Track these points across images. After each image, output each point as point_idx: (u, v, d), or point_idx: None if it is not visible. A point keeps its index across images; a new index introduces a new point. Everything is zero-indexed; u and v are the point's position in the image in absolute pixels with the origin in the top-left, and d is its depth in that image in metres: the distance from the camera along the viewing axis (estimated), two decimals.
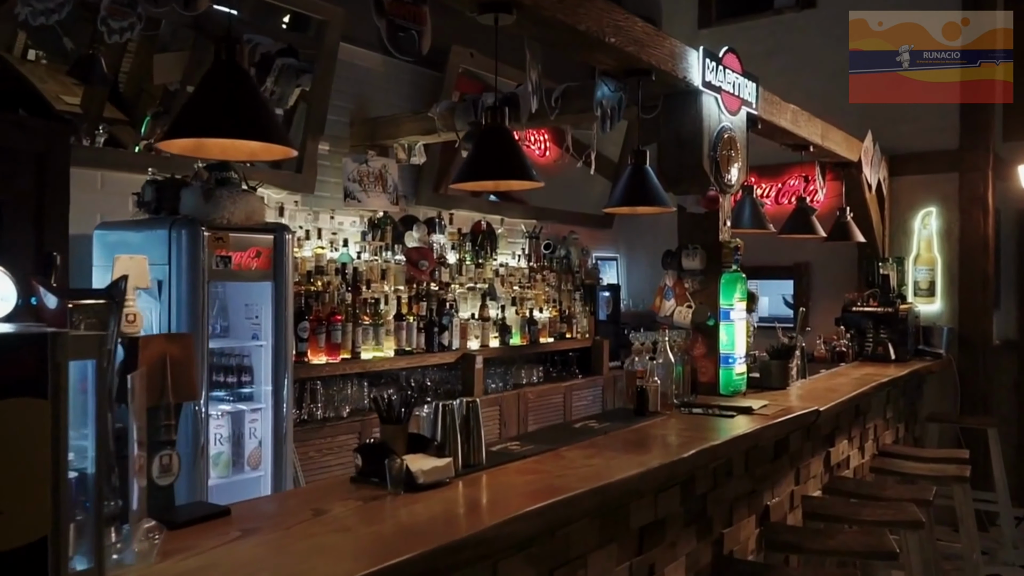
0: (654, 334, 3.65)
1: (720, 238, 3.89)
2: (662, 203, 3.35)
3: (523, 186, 2.84)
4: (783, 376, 4.27)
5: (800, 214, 5.24)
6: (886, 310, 5.96)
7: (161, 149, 2.63)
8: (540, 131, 7.48)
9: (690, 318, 3.85)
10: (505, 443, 2.81)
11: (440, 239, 5.81)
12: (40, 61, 4.51)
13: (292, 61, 5.07)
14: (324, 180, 5.17)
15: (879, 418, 5.27)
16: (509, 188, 2.91)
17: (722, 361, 3.84)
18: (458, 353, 5.31)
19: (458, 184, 2.71)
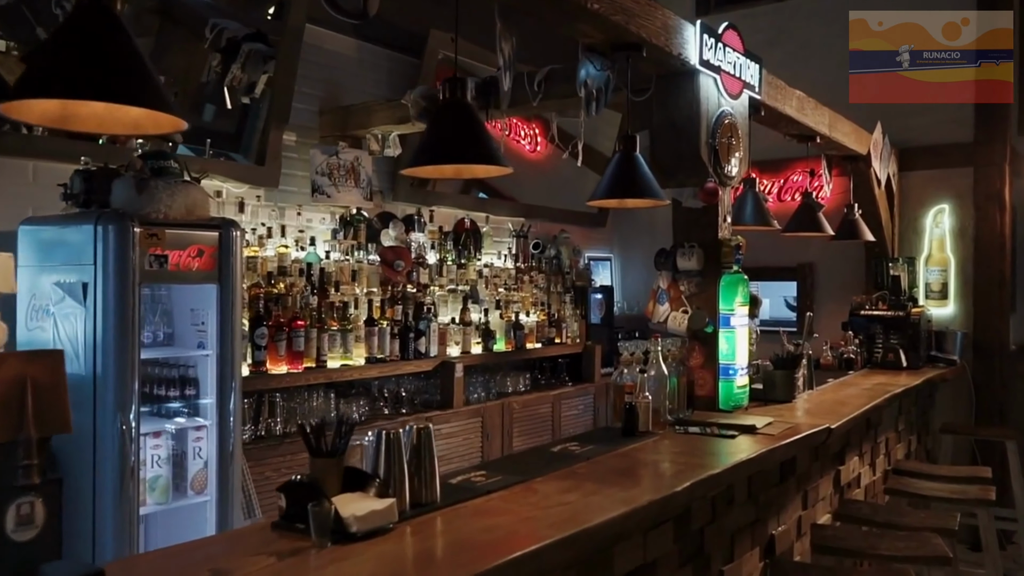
0: (645, 343, 3.25)
1: (719, 235, 3.49)
2: (654, 195, 2.96)
3: (488, 172, 2.45)
4: (789, 388, 3.88)
5: (806, 210, 4.84)
6: (896, 314, 5.57)
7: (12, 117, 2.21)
8: (531, 124, 7.10)
9: (686, 324, 3.46)
10: (470, 473, 2.41)
11: (419, 238, 5.42)
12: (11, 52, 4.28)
13: (260, 46, 4.67)
14: (291, 173, 4.77)
15: (891, 431, 4.87)
16: (472, 174, 2.51)
17: (721, 373, 3.45)
18: (436, 360, 4.92)
19: (412, 170, 2.31)
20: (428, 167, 2.39)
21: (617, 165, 3.00)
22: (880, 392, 4.39)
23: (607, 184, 2.98)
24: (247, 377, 3.88)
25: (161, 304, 3.52)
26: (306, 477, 1.93)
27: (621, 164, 2.99)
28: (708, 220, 3.51)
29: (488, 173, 2.47)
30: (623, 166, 2.99)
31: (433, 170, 2.44)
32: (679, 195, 3.51)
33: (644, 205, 3.21)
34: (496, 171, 2.35)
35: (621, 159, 3.00)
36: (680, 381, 3.36)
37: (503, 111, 4.08)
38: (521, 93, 4.01)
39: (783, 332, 4.30)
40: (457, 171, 2.50)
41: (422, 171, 2.41)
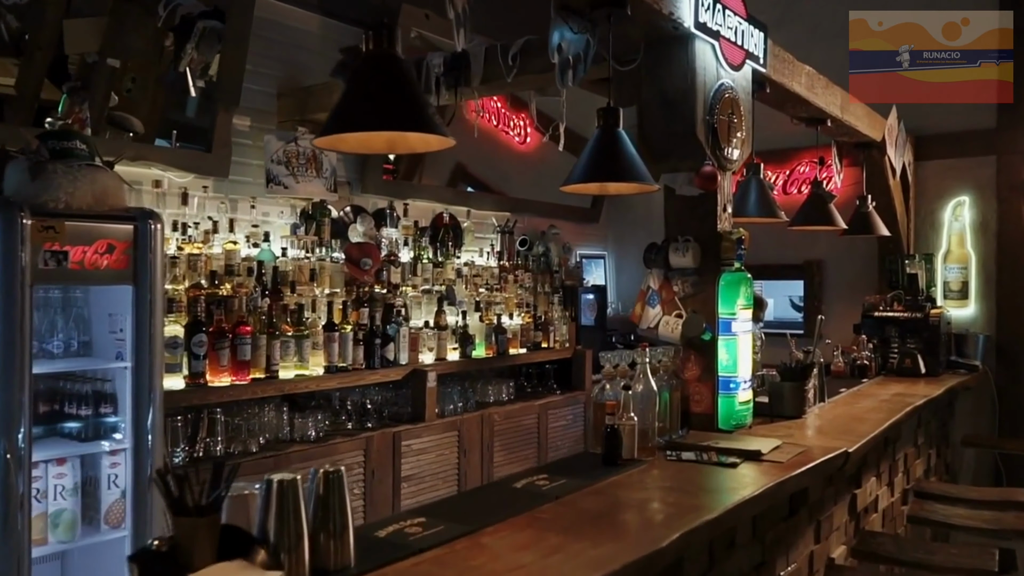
0: (631, 353, 2.78)
1: (719, 227, 3.02)
2: (639, 178, 2.49)
3: (426, 143, 1.97)
4: (798, 402, 3.41)
5: (815, 202, 4.36)
6: (913, 315, 5.10)
7: None
8: (519, 114, 6.64)
9: (679, 331, 2.99)
10: (406, 521, 1.93)
11: (392, 233, 4.95)
12: None
13: (216, 24, 4.21)
14: (244, 162, 4.30)
15: (910, 446, 4.40)
16: (408, 146, 2.01)
17: (721, 387, 2.98)
18: (406, 369, 4.44)
19: (324, 140, 1.84)
20: (349, 138, 1.91)
21: (596, 143, 2.53)
22: (899, 405, 3.92)
23: (584, 165, 2.51)
24: (182, 391, 3.42)
25: (75, 308, 3.05)
26: (166, 542, 1.46)
27: (601, 142, 2.53)
28: (705, 210, 3.04)
29: (427, 145, 1.99)
30: (603, 144, 2.52)
31: (357, 142, 1.96)
32: (672, 181, 3.05)
33: (629, 191, 2.73)
34: (436, 142, 1.88)
35: (601, 136, 2.53)
36: (673, 396, 2.89)
37: (474, 88, 3.62)
38: (495, 69, 3.55)
39: (790, 337, 3.82)
40: (390, 143, 2.02)
41: (341, 142, 1.94)
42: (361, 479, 4.05)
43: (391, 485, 4.21)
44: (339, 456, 3.95)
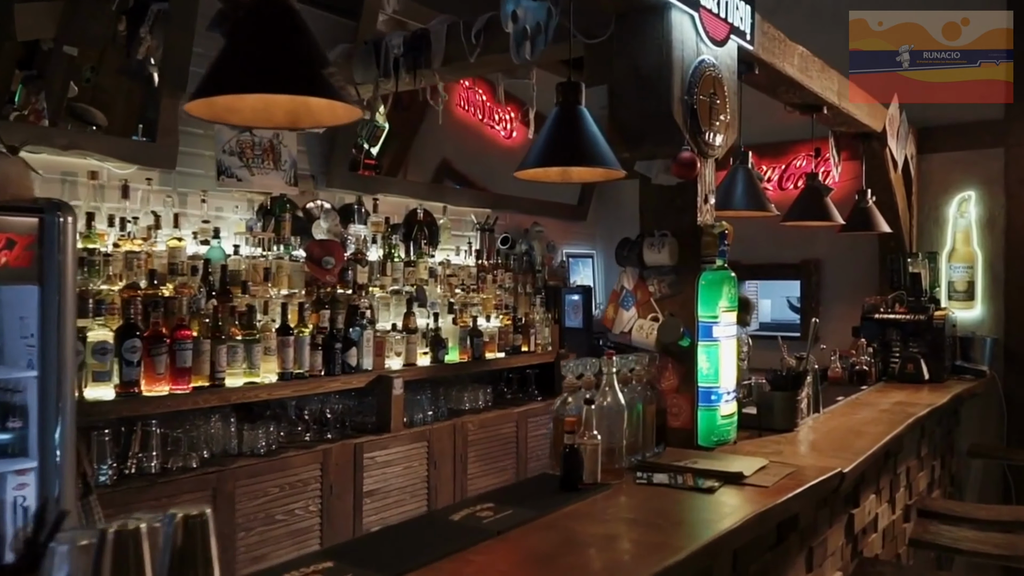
0: (597, 361, 2.46)
1: (699, 220, 2.71)
2: (603, 162, 2.17)
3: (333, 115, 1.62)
4: (790, 414, 3.09)
5: (811, 195, 4.04)
6: (916, 317, 4.78)
7: None
8: (507, 109, 6.32)
9: (654, 336, 2.67)
10: (309, 567, 1.61)
11: (360, 230, 4.66)
12: None
13: (167, 5, 3.92)
14: (195, 153, 3.99)
15: (912, 458, 4.08)
16: (314, 120, 1.65)
17: (701, 399, 2.66)
18: (371, 375, 4.13)
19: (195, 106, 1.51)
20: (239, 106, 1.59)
21: (555, 123, 2.22)
22: (901, 415, 3.60)
23: (541, 147, 2.20)
24: (112, 402, 3.13)
25: None
26: None
27: (560, 121, 2.21)
28: (684, 201, 2.72)
29: (334, 116, 1.65)
30: (563, 123, 2.21)
31: (252, 112, 1.61)
32: (647, 169, 2.73)
33: (593, 177, 2.42)
34: (344, 112, 1.56)
35: (560, 115, 2.22)
36: (647, 410, 2.57)
37: (435, 71, 3.30)
38: (457, 48, 3.25)
39: (782, 341, 3.50)
40: (291, 114, 1.68)
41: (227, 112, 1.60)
42: (318, 495, 3.75)
43: (352, 502, 3.90)
44: (293, 471, 3.64)
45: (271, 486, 3.55)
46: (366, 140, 5.95)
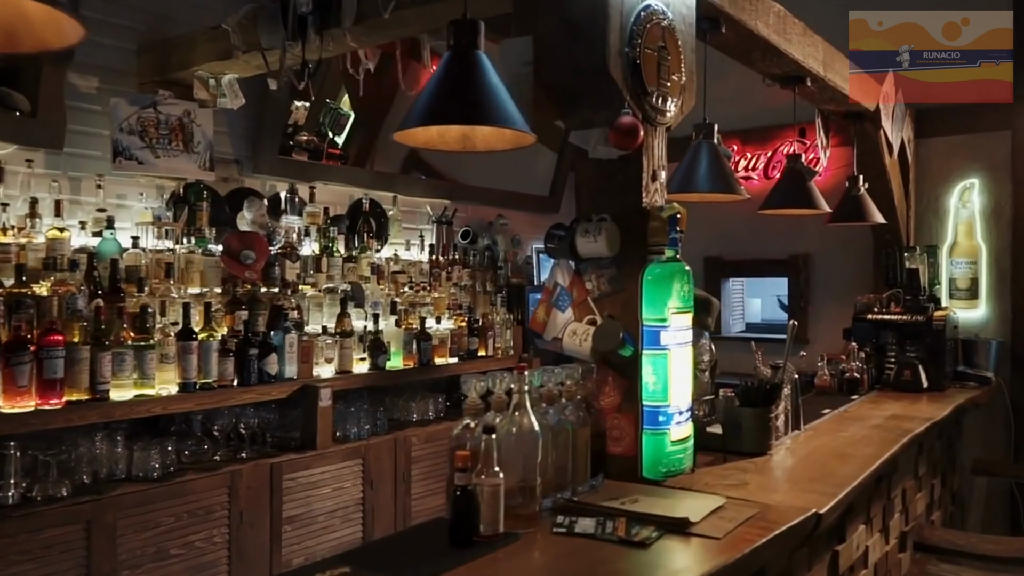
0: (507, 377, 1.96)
1: (644, 202, 2.22)
2: (506, 120, 1.68)
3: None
4: (762, 435, 2.61)
5: (792, 179, 3.54)
6: (914, 318, 4.29)
7: None
8: None
9: (589, 343, 2.18)
10: None
11: (294, 221, 4.16)
12: None
13: None
14: (89, 132, 3.51)
15: (909, 478, 3.59)
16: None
17: (646, 420, 2.17)
18: (295, 384, 3.65)
19: None
20: None
21: (444, 71, 1.72)
22: (895, 432, 3.12)
23: (426, 101, 1.70)
24: None
25: None
26: None
27: (451, 69, 1.72)
28: (626, 179, 2.23)
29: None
30: (453, 72, 1.71)
31: None
32: (583, 140, 2.24)
33: (501, 144, 1.92)
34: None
35: (452, 62, 1.73)
36: (579, 435, 2.09)
37: (346, 29, 2.81)
38: (372, 4, 2.75)
39: (756, 347, 3.01)
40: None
41: None
42: (225, 524, 3.25)
43: (268, 530, 3.41)
44: (193, 496, 3.15)
45: (165, 515, 3.06)
46: (330, 128, 5.47)
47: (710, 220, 5.62)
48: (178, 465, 3.22)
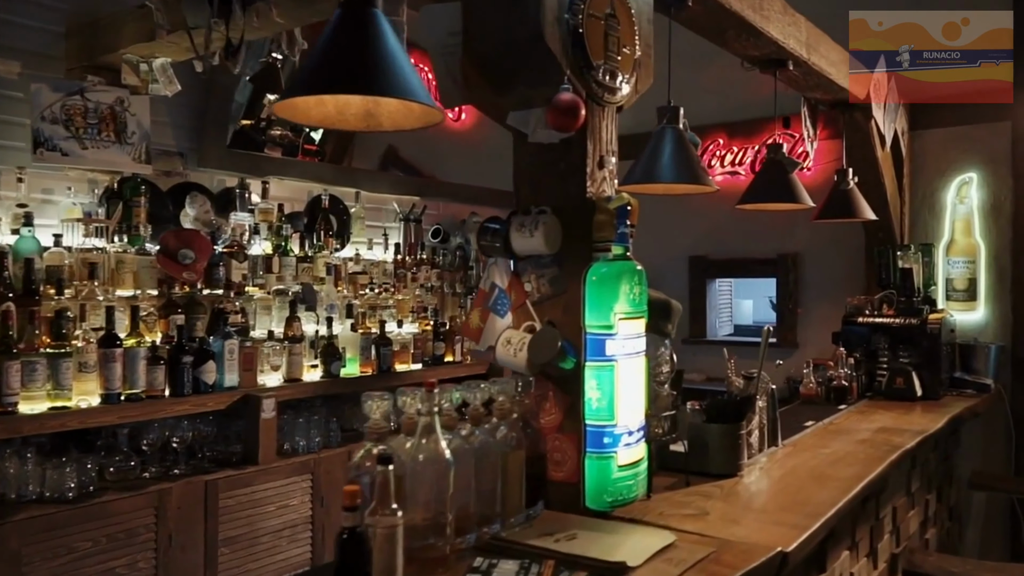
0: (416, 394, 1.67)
1: (589, 191, 1.94)
2: (405, 91, 1.40)
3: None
4: (731, 454, 2.33)
5: (771, 170, 3.25)
6: (907, 321, 4.01)
7: None
8: None
9: (524, 353, 1.90)
10: None
11: (244, 218, 3.89)
12: None
13: None
14: (8, 120, 3.25)
15: (900, 495, 3.31)
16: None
17: (590, 442, 1.89)
18: (236, 394, 3.37)
19: None
20: None
21: (334, 32, 1.44)
22: (883, 448, 2.84)
23: (312, 67, 1.43)
24: None
25: None
26: None
27: (341, 31, 1.44)
28: (568, 166, 1.96)
29: None
30: (345, 34, 1.43)
31: None
32: (522, 122, 1.97)
33: (409, 122, 1.63)
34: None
35: (342, 22, 1.45)
36: (512, 459, 1.81)
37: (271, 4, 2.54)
38: None
39: (728, 355, 2.73)
40: None
41: None
42: (152, 547, 2.98)
43: (202, 553, 3.14)
44: (115, 519, 2.89)
45: (81, 540, 2.79)
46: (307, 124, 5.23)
47: (695, 218, 5.35)
48: (100, 484, 2.95)
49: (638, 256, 1.92)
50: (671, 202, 5.57)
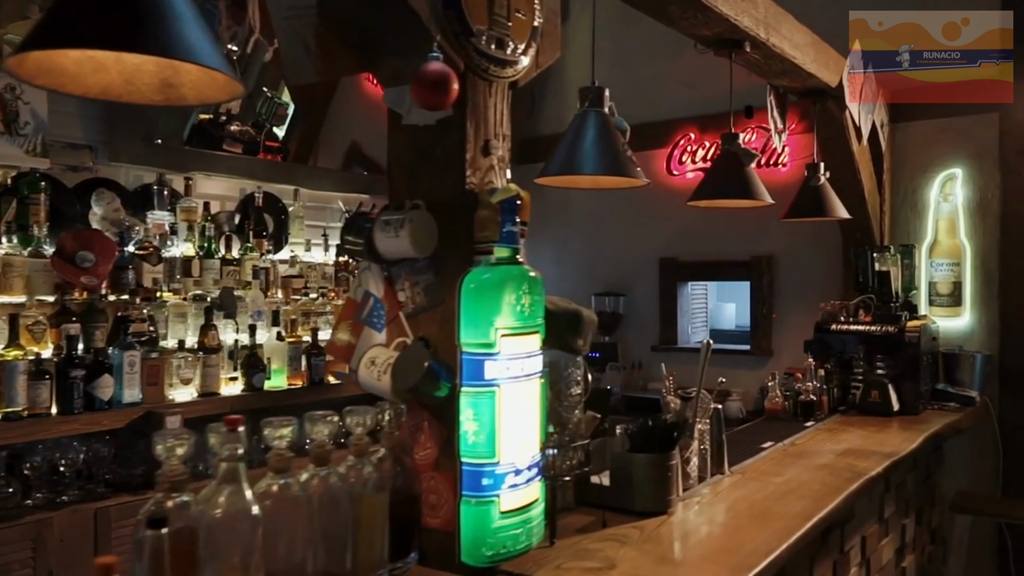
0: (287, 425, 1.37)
1: (470, 182, 1.62)
2: (184, 50, 1.08)
3: None
4: (658, 488, 2.01)
5: (726, 163, 2.92)
6: (884, 329, 3.70)
7: None
8: None
9: (388, 376, 1.59)
10: None
11: (164, 218, 3.59)
12: None
13: None
14: None
15: (871, 523, 2.99)
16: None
17: (465, 484, 1.57)
18: (137, 411, 3.06)
19: None
20: None
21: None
22: (844, 475, 2.52)
23: (58, 9, 1.10)
24: None
25: None
26: None
27: None
28: (445, 151, 1.64)
29: None
30: None
31: None
32: (396, 100, 1.65)
33: (217, 94, 1.31)
34: None
35: None
36: (371, 504, 1.50)
37: None
38: None
39: (666, 372, 2.41)
40: None
41: None
42: None
43: None
44: None
45: None
46: (268, 119, 4.93)
47: (664, 217, 5.03)
48: None
49: (604, 257, 1.62)
50: (639, 200, 5.26)
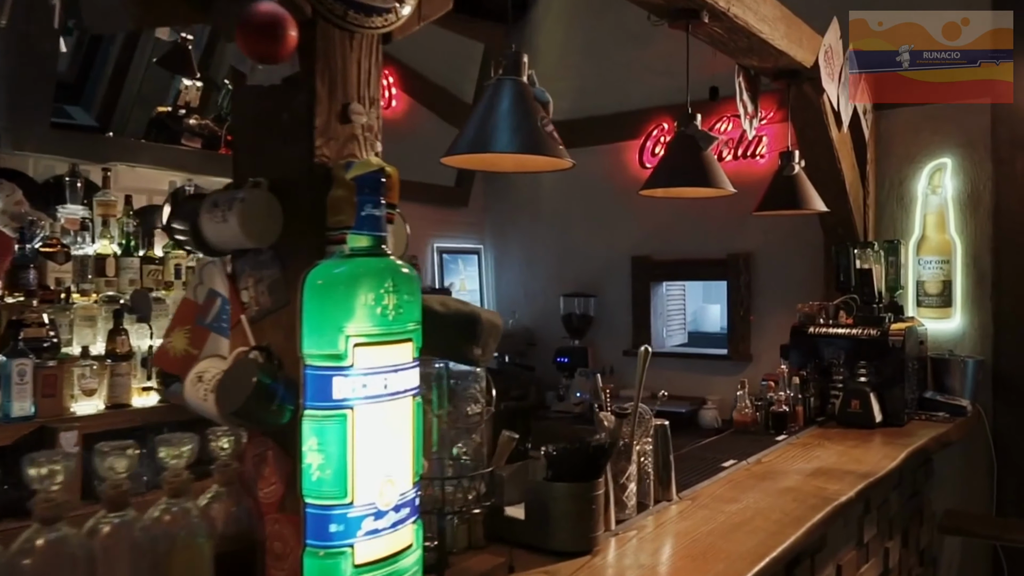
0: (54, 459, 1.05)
1: (320, 155, 1.30)
2: None
3: None
4: (581, 524, 1.69)
5: (681, 147, 2.60)
6: (867, 332, 3.39)
7: None
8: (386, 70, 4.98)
9: (213, 398, 1.27)
10: None
11: (76, 212, 3.28)
12: None
13: None
14: None
15: (848, 549, 2.68)
16: None
17: (309, 531, 1.24)
18: (29, 426, 2.74)
19: None
20: None
21: None
22: (810, 502, 2.21)
23: None
24: None
25: None
26: None
27: None
28: (291, 117, 1.32)
29: None
30: None
31: None
32: (240, 57, 1.34)
33: None
34: None
35: None
36: (187, 556, 1.19)
37: None
38: None
39: (601, 383, 2.09)
40: None
41: None
42: None
43: None
44: None
45: None
46: (229, 113, 4.61)
47: (637, 213, 4.72)
48: None
49: (573, 256, 1.34)
50: (610, 195, 4.95)
